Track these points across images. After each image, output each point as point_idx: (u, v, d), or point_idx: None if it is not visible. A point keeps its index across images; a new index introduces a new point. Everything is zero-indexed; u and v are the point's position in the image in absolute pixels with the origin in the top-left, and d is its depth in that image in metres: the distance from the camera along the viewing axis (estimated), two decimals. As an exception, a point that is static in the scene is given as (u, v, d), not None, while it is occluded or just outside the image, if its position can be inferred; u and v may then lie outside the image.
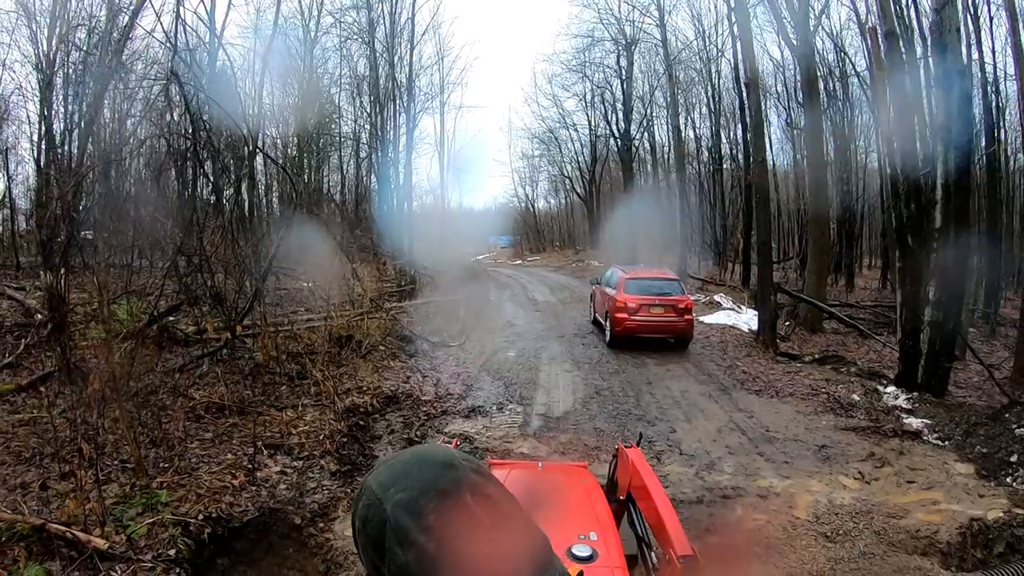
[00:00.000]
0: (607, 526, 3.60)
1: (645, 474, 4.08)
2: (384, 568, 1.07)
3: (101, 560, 5.62)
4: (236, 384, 10.78)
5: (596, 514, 3.72)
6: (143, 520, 6.24)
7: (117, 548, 5.78)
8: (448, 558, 1.03)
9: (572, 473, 4.76)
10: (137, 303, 13.68)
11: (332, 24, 30.97)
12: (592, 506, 3.87)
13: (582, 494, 4.10)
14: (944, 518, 7.63)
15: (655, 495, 3.78)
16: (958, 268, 13.18)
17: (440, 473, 1.11)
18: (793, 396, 12.89)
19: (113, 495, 6.72)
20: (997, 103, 22.30)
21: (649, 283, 17.04)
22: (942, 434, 10.81)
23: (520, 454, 9.37)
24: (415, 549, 1.03)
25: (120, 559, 5.68)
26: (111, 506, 6.44)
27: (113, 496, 6.70)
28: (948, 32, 12.84)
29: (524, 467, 4.76)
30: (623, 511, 4.39)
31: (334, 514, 7.24)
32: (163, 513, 6.38)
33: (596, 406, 11.97)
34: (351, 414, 10.27)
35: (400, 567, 1.04)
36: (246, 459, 8.01)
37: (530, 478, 4.38)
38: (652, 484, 3.93)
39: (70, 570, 5.42)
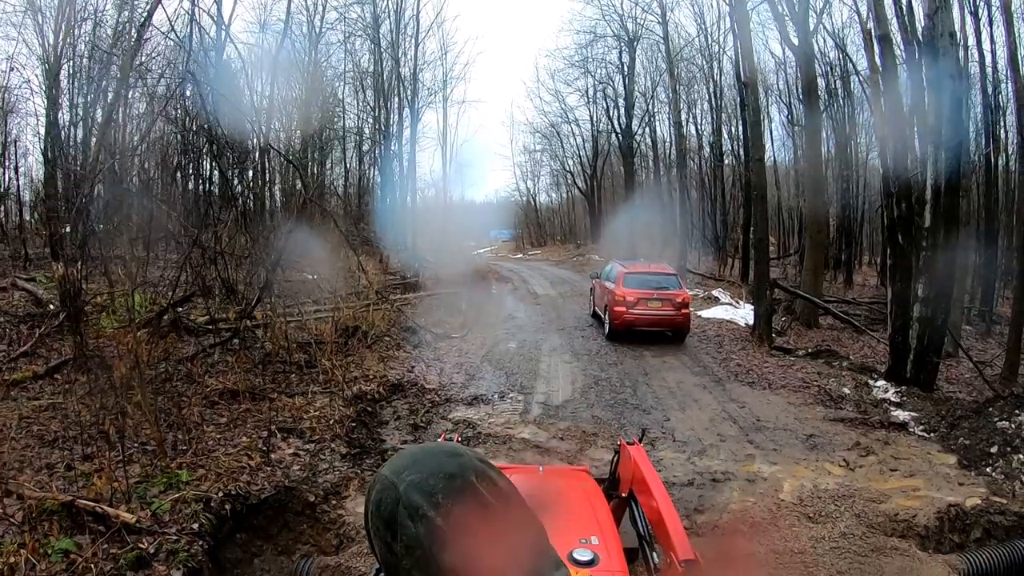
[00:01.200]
0: (608, 530, 3.63)
1: (647, 471, 4.22)
2: (396, 544, 1.16)
3: (128, 533, 5.95)
4: (247, 372, 11.17)
5: (597, 518, 3.76)
6: (166, 497, 6.61)
7: (143, 522, 6.13)
8: (456, 531, 1.12)
9: (573, 477, 4.80)
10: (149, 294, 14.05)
11: (337, 19, 31.12)
12: (593, 510, 3.90)
13: (583, 498, 4.12)
14: (923, 504, 7.92)
15: (656, 493, 3.92)
16: (947, 266, 13.49)
17: (448, 459, 1.22)
18: (785, 388, 13.27)
19: (135, 475, 7.06)
20: (996, 104, 22.56)
21: (647, 278, 17.47)
22: (928, 426, 11.19)
23: (521, 440, 9.79)
24: (425, 522, 1.13)
25: (147, 532, 6.03)
26: (134, 485, 6.77)
27: (135, 476, 7.03)
28: (940, 37, 13.17)
29: (525, 471, 4.78)
30: (624, 508, 4.52)
31: (345, 493, 7.64)
32: (185, 491, 6.76)
33: (594, 395, 12.37)
34: (359, 401, 10.66)
35: (411, 539, 1.14)
36: (260, 442, 8.42)
37: (531, 482, 4.30)
38: (653, 482, 4.07)
39: (100, 543, 5.76)
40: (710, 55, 34.49)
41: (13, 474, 6.79)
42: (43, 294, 14.47)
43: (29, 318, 13.11)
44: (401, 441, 9.63)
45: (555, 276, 33.09)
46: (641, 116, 39.21)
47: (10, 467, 6.98)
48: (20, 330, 12.36)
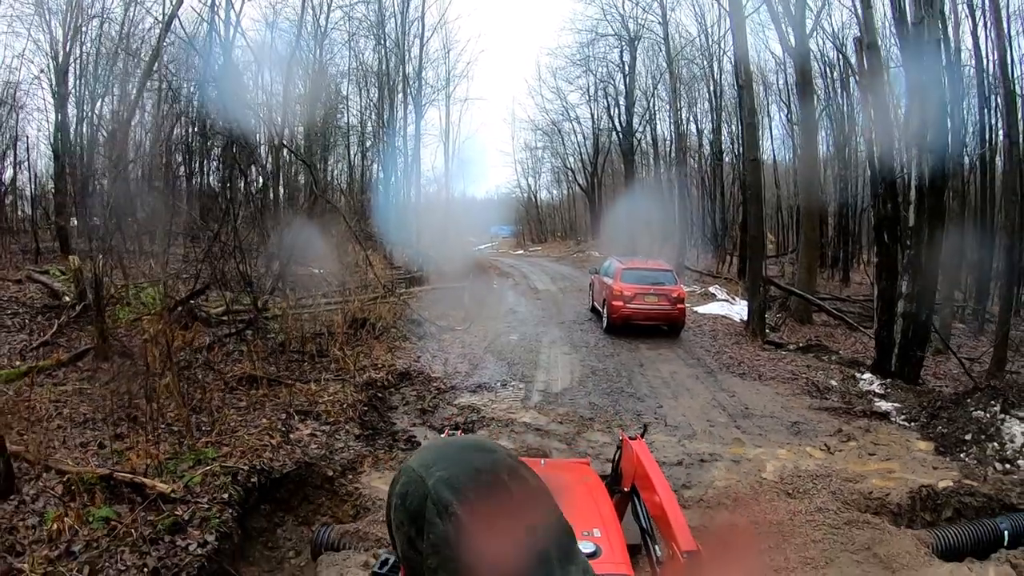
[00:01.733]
0: (610, 522, 3.68)
1: (649, 466, 4.22)
2: (421, 540, 1.13)
3: (164, 503, 6.53)
4: (261, 361, 11.73)
5: (599, 510, 3.79)
6: (196, 471, 7.17)
7: (177, 493, 6.69)
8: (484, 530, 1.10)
9: (574, 470, 4.88)
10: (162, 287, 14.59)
11: (342, 18, 31.46)
12: (595, 502, 3.93)
13: (585, 491, 4.14)
14: (897, 484, 8.44)
15: (659, 487, 3.93)
16: (931, 264, 14.03)
17: (479, 455, 1.20)
18: (774, 379, 13.84)
19: (165, 453, 7.63)
20: (993, 104, 22.92)
21: (644, 273, 18.01)
22: (909, 416, 11.73)
23: (523, 423, 10.39)
24: (454, 520, 1.10)
25: (181, 501, 6.58)
26: (164, 461, 7.36)
27: (165, 454, 7.60)
28: (926, 43, 13.71)
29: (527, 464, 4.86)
30: (627, 502, 4.54)
31: (360, 469, 8.25)
32: (213, 465, 7.34)
33: (591, 384, 12.96)
34: (369, 387, 11.22)
35: (439, 536, 1.11)
36: (279, 423, 8.99)
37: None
38: (656, 476, 4.08)
39: (138, 511, 6.33)
40: (710, 55, 34.80)
41: (49, 452, 7.33)
42: (58, 286, 14.96)
43: (46, 309, 13.63)
44: (411, 424, 10.25)
45: (555, 272, 33.49)
46: (642, 114, 39.57)
47: (46, 446, 7.53)
48: (38, 321, 12.88)
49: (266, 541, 7.00)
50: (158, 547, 5.91)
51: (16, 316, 12.92)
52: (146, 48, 24.87)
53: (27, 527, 5.97)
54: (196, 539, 6.11)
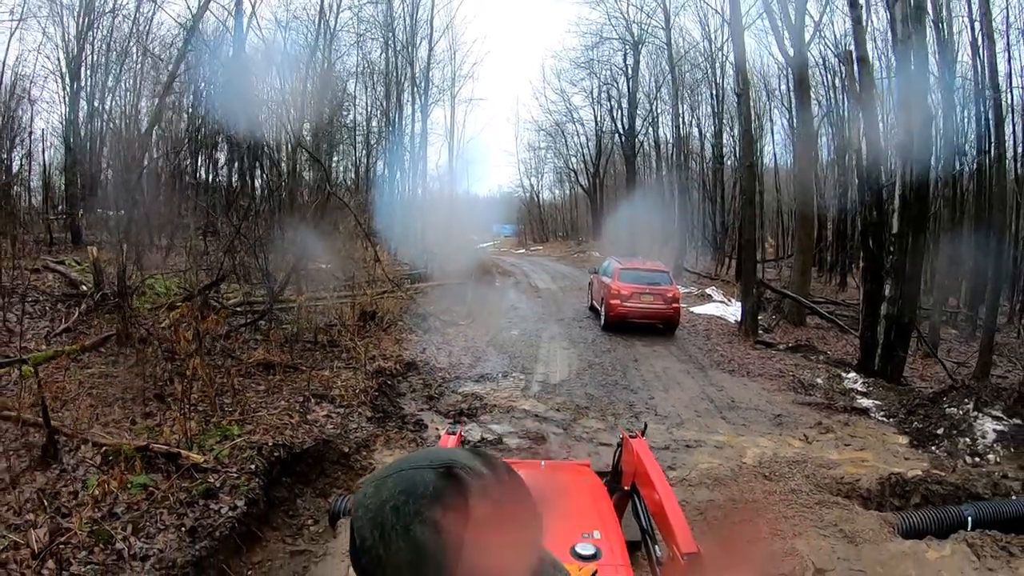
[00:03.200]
0: (610, 524, 3.67)
1: (649, 465, 4.25)
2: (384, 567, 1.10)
3: (196, 472, 7.21)
4: (275, 350, 12.41)
5: (599, 512, 3.79)
6: (223, 445, 7.87)
7: (209, 463, 7.39)
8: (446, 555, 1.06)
9: (574, 471, 4.83)
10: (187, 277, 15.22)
11: (351, 19, 31.84)
12: (595, 504, 3.95)
13: (584, 492, 4.15)
14: (869, 472, 9.06)
15: (659, 487, 3.96)
16: (914, 269, 14.69)
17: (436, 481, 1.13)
18: (762, 376, 14.54)
19: (193, 429, 8.32)
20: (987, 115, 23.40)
21: (641, 273, 18.70)
22: (888, 412, 12.37)
23: (522, 410, 11.12)
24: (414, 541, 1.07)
25: (212, 471, 7.23)
26: (193, 436, 8.06)
27: (193, 430, 8.30)
28: (911, 61, 14.37)
29: (526, 466, 4.57)
30: (627, 501, 4.59)
31: (373, 447, 8.98)
32: (239, 440, 8.04)
33: (588, 377, 13.67)
34: (378, 375, 11.89)
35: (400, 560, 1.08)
36: (297, 405, 9.68)
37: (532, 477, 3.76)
38: (656, 475, 4.10)
39: (173, 478, 7.00)
40: (713, 59, 35.09)
41: (85, 427, 8.00)
42: (75, 276, 15.53)
43: (66, 298, 14.22)
44: (418, 408, 10.97)
45: (556, 271, 34.05)
46: (644, 117, 39.88)
47: (81, 422, 8.19)
48: (58, 309, 13.49)
49: (287, 510, 7.64)
50: (193, 509, 6.54)
51: (37, 304, 13.36)
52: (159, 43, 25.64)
53: (70, 492, 6.58)
54: (227, 503, 6.76)
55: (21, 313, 11.94)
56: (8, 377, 9.51)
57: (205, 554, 6.02)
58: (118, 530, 5.98)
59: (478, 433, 10.06)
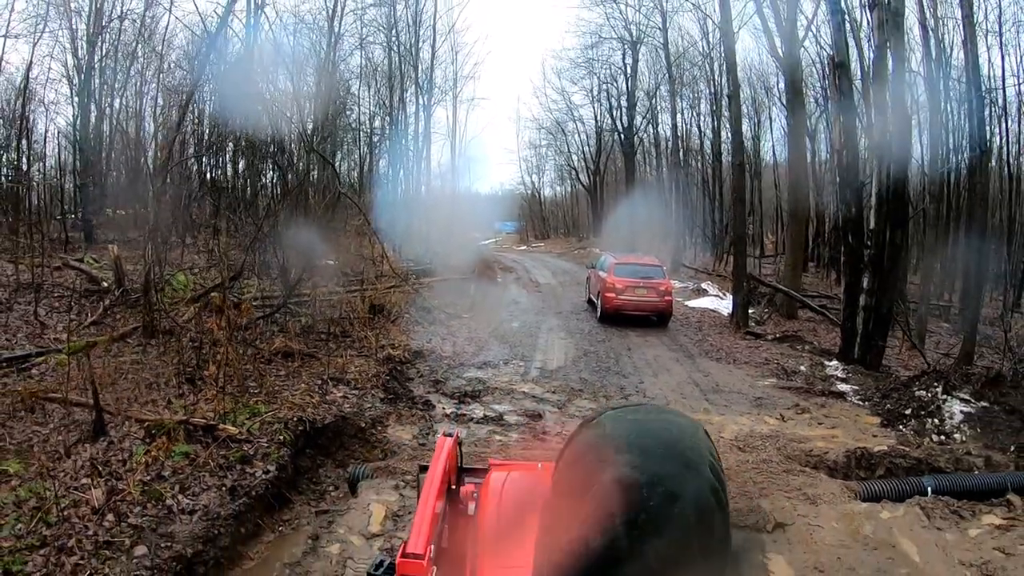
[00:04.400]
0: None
1: None
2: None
3: (232, 443, 8.12)
4: (293, 340, 13.29)
5: None
6: (254, 420, 8.78)
7: (242, 435, 8.31)
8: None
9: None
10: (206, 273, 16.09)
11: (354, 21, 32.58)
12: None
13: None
14: (838, 447, 9.85)
15: None
16: (892, 262, 15.43)
17: (679, 471, 1.21)
18: (748, 364, 15.39)
19: (225, 407, 9.24)
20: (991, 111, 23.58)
21: (635, 268, 19.56)
22: (863, 396, 13.17)
23: (522, 392, 12.10)
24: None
25: (245, 441, 8.14)
26: (224, 413, 8.98)
27: (224, 408, 9.21)
28: (886, 67, 15.14)
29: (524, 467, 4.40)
30: None
31: (386, 423, 9.94)
32: (266, 416, 8.95)
33: (583, 364, 14.60)
34: (388, 362, 12.81)
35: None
36: (316, 388, 10.57)
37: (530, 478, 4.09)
38: None
39: (212, 447, 7.90)
40: (711, 58, 35.34)
41: (126, 407, 8.89)
42: (95, 273, 16.38)
43: (88, 293, 15.07)
44: (426, 391, 11.91)
45: (556, 267, 34.86)
46: (644, 114, 40.42)
47: (122, 402, 9.07)
48: (82, 303, 14.31)
49: (311, 477, 8.51)
50: (232, 472, 7.44)
51: (63, 299, 14.18)
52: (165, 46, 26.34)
53: (119, 461, 7.44)
54: (260, 468, 7.65)
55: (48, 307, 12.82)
56: (46, 364, 10.43)
57: (244, 509, 6.89)
58: (167, 489, 6.85)
59: (481, 412, 11.01)
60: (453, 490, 3.79)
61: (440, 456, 3.53)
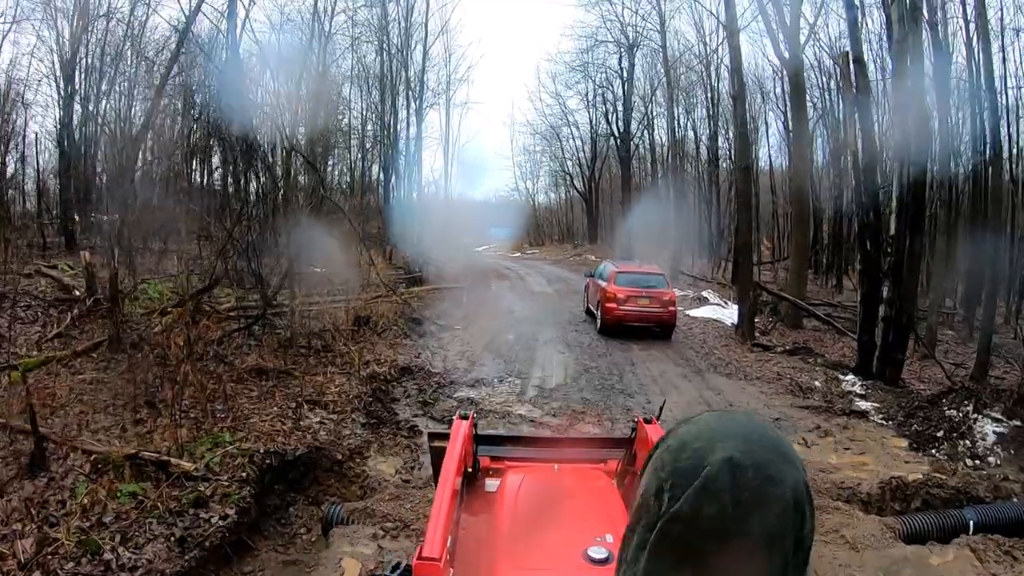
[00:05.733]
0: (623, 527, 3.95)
1: None
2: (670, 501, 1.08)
3: (187, 480, 7.11)
4: (269, 355, 12.32)
5: (611, 516, 3.69)
6: (215, 452, 7.76)
7: (199, 471, 7.29)
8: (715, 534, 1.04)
9: (587, 475, 4.71)
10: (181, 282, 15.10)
11: (345, 22, 31.55)
12: (607, 508, 3.87)
13: (597, 496, 4.13)
14: (869, 476, 9.01)
15: None
16: (912, 271, 14.59)
17: (779, 461, 1.10)
18: (760, 380, 14.43)
19: (184, 436, 8.20)
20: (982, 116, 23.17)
21: (637, 277, 18.62)
22: (886, 415, 12.27)
23: (518, 415, 11.02)
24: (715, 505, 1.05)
25: (202, 479, 7.15)
26: (184, 444, 7.94)
27: (184, 437, 8.17)
28: (907, 62, 14.27)
29: (540, 469, 4.59)
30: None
31: (367, 454, 8.91)
32: (230, 447, 7.93)
33: (584, 381, 13.57)
34: (372, 381, 11.83)
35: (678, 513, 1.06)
36: (290, 412, 9.58)
37: (545, 480, 4.31)
38: None
39: (163, 486, 6.89)
40: (708, 62, 34.71)
41: (74, 434, 7.89)
42: (68, 281, 15.37)
43: (58, 302, 14.06)
44: (412, 414, 10.91)
45: (552, 274, 33.92)
46: (640, 120, 39.93)
47: (70, 429, 8.08)
48: (51, 314, 13.34)
49: (279, 518, 7.54)
50: (183, 519, 6.45)
51: (29, 309, 13.22)
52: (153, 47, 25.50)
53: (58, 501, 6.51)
54: (218, 512, 6.66)
55: (12, 318, 11.84)
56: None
57: (195, 564, 5.97)
58: (106, 540, 5.93)
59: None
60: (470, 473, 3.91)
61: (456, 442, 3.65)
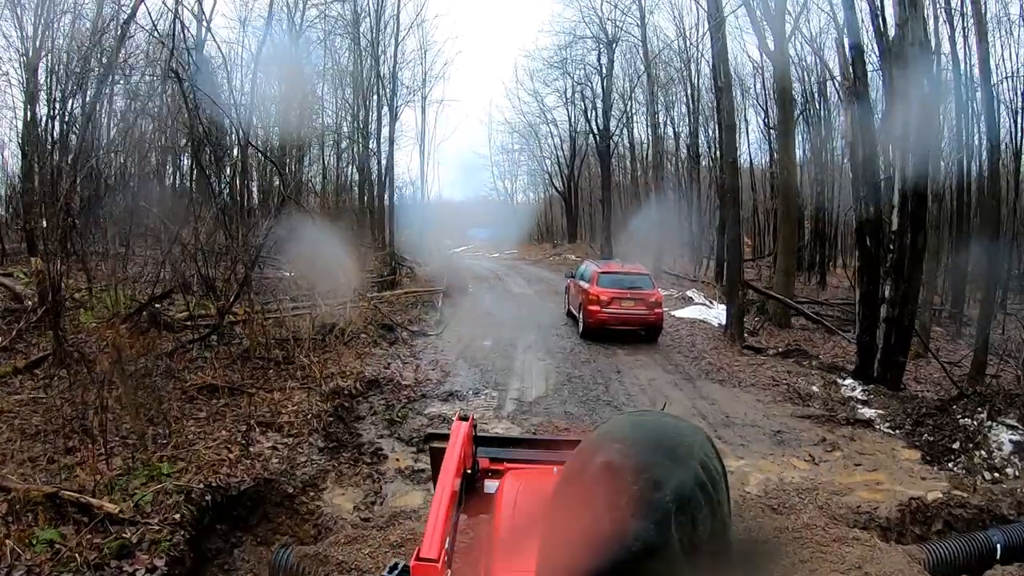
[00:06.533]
0: None
1: None
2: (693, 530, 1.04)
3: (111, 524, 6.10)
4: (225, 368, 11.32)
5: None
6: (148, 489, 6.75)
7: (126, 513, 6.28)
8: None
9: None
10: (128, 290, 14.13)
11: (317, 17, 31.24)
12: None
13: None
14: (886, 497, 8.25)
15: None
16: (914, 269, 13.83)
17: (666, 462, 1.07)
18: (755, 386, 13.59)
19: (117, 468, 7.21)
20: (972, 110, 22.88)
21: (621, 277, 17.78)
22: (893, 423, 11.50)
23: (494, 433, 10.01)
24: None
25: (129, 522, 6.17)
26: (116, 477, 6.94)
27: (117, 469, 7.18)
28: (909, 46, 13.46)
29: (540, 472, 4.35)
30: None
31: (323, 485, 7.87)
32: (166, 482, 6.92)
33: (567, 392, 12.64)
34: (335, 396, 10.83)
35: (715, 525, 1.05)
36: (239, 436, 8.57)
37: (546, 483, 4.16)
38: None
39: (83, 533, 5.91)
40: (688, 58, 34.93)
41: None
42: (21, 289, 14.44)
43: (7, 313, 13.15)
44: (378, 435, 9.88)
45: (531, 275, 33.35)
46: (619, 117, 39.47)
47: (-6, 457, 7.12)
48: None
49: (222, 563, 6.59)
50: (103, 573, 5.51)
51: (-25, 320, 12.41)
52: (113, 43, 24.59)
53: (-35, 551, 5.58)
54: (144, 564, 5.71)
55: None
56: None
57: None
58: (14, 603, 5.03)
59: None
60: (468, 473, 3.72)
61: (455, 443, 3.49)
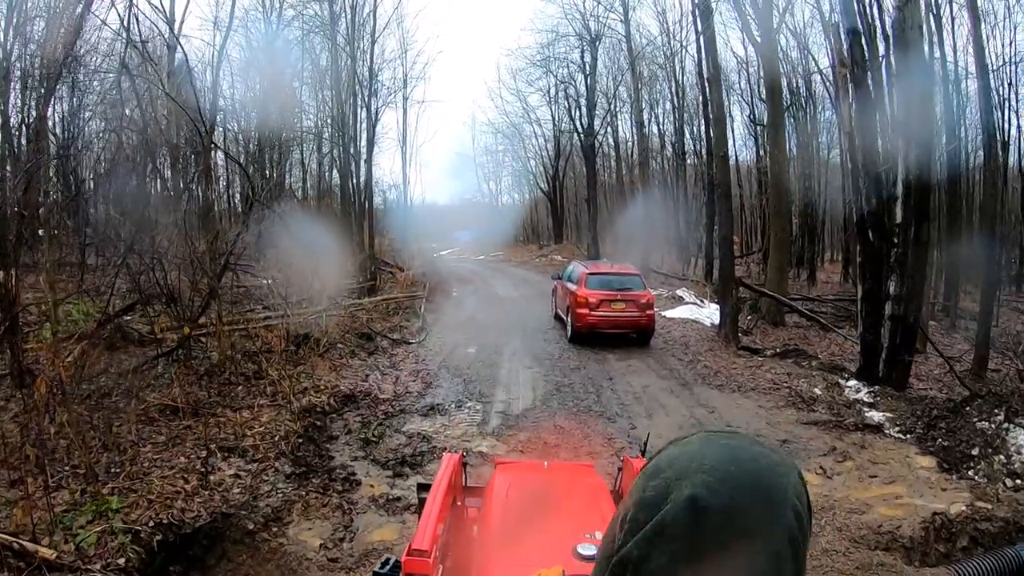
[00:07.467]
0: None
1: None
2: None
3: (49, 570, 5.55)
4: (191, 385, 10.65)
5: (602, 513, 3.62)
6: (93, 528, 6.14)
7: (66, 558, 5.70)
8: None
9: (578, 472, 4.79)
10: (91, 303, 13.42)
11: (294, 17, 30.92)
12: (598, 505, 3.81)
13: (588, 493, 4.07)
14: (907, 512, 7.78)
15: None
16: (919, 262, 13.33)
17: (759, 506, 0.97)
18: (755, 391, 13.05)
19: (63, 502, 6.63)
20: (958, 102, 22.58)
21: (610, 278, 17.18)
22: (903, 427, 11.01)
23: (478, 453, 9.28)
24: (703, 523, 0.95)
25: (69, 569, 5.62)
26: (60, 514, 6.37)
27: (63, 503, 6.61)
28: (910, 29, 12.95)
29: (530, 467, 4.87)
30: None
31: (288, 518, 7.17)
32: (113, 521, 6.26)
33: (556, 403, 12.01)
34: (307, 414, 10.17)
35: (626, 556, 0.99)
36: (199, 462, 7.87)
37: (536, 478, 4.43)
38: None
39: (18, 581, 5.27)
40: (672, 54, 34.76)
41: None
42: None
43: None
44: (351, 457, 9.16)
45: (517, 276, 33.06)
46: (603, 116, 39.32)
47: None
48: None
49: (175, 609, 5.88)
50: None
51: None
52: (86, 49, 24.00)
53: None
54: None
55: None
56: None
57: None
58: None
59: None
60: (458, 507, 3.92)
61: (445, 469, 3.78)
